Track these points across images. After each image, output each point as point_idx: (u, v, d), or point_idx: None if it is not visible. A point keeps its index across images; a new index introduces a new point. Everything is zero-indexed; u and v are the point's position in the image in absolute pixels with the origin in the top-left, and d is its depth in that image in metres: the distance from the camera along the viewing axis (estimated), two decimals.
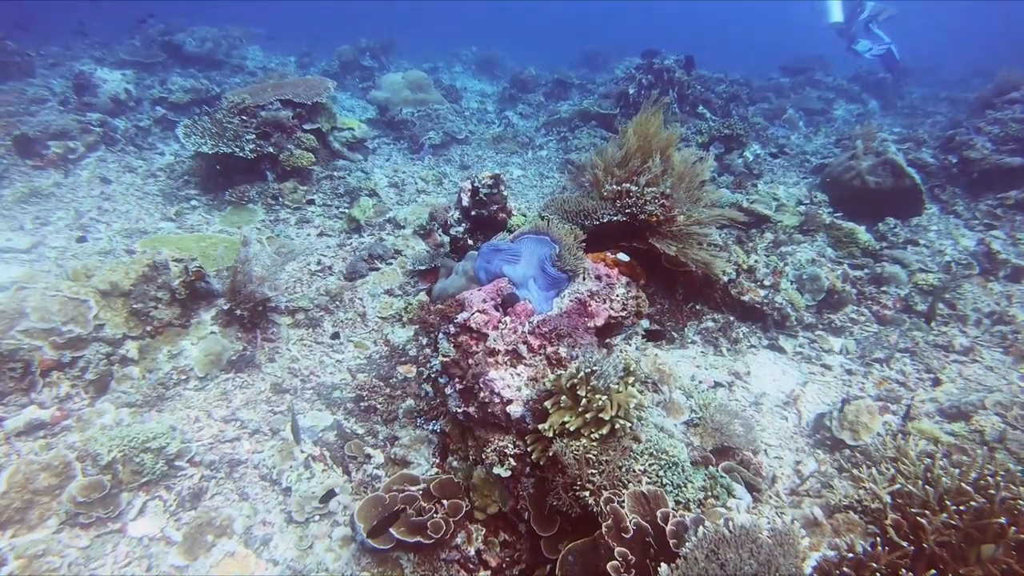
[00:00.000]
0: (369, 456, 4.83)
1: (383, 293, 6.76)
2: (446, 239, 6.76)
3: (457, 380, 4.27)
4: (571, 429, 3.65)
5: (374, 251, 7.18)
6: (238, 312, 5.65)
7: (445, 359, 4.31)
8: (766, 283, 6.80)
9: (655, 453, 3.72)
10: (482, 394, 4.08)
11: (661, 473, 3.66)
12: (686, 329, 6.45)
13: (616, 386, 3.73)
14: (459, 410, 4.25)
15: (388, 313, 6.45)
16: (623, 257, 4.88)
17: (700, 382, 5.49)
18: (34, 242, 7.14)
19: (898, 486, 3.49)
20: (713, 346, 6.26)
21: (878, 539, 3.10)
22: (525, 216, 6.71)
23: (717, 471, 3.98)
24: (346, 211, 8.38)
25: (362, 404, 5.33)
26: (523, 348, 4.14)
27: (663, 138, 6.21)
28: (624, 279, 4.73)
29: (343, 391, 5.49)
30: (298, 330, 6.18)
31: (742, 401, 5.43)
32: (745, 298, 6.53)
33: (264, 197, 8.53)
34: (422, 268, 6.69)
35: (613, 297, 4.60)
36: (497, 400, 4.02)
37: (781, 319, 6.52)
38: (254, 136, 8.53)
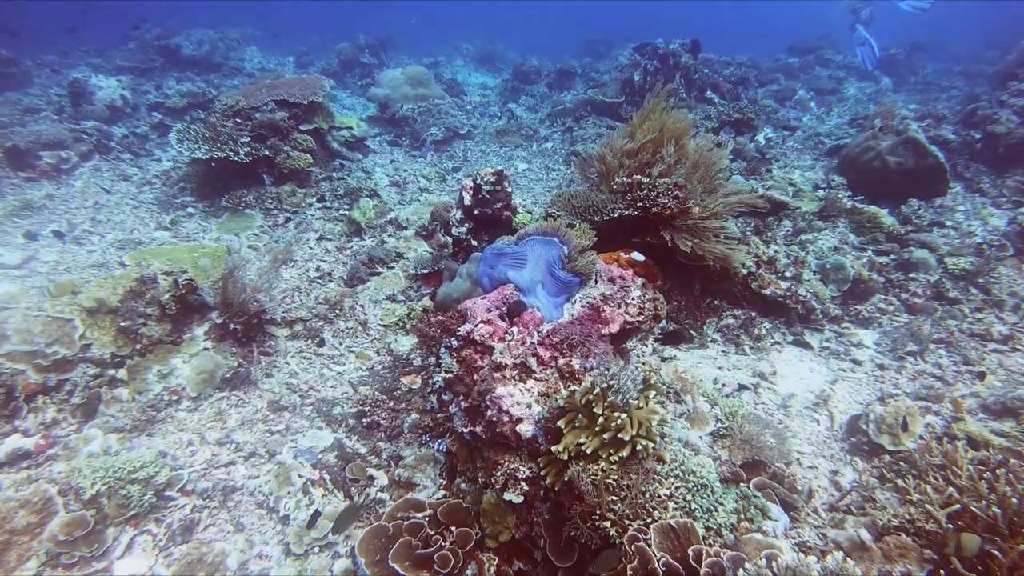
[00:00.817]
0: (372, 478, 4.47)
1: (385, 299, 6.40)
2: (449, 240, 6.38)
3: (462, 397, 3.89)
4: (587, 451, 3.27)
5: (374, 255, 6.81)
6: (231, 326, 5.30)
7: (448, 375, 3.93)
8: (787, 274, 6.38)
9: (681, 474, 3.33)
10: (489, 412, 3.71)
11: (689, 497, 3.27)
12: (705, 327, 6.04)
13: (636, 401, 3.34)
14: (465, 430, 3.87)
15: (391, 320, 6.08)
16: (638, 256, 4.48)
17: (723, 385, 5.08)
18: (25, 257, 6.82)
19: (958, 506, 3.08)
20: (735, 344, 5.85)
21: (942, 573, 2.70)
22: (531, 213, 6.31)
23: (750, 490, 3.59)
24: (346, 213, 8.01)
25: (364, 420, 4.98)
26: (532, 361, 3.75)
27: (676, 126, 5.80)
28: (640, 280, 4.33)
29: (344, 406, 5.14)
30: (297, 342, 5.83)
31: (769, 404, 5.03)
32: (767, 291, 6.11)
33: (262, 202, 8.18)
34: (425, 271, 6.32)
35: (629, 301, 4.19)
36: (506, 419, 3.65)
37: (806, 312, 6.10)
38: (249, 139, 8.17)
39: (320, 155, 9.15)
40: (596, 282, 4.27)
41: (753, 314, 6.04)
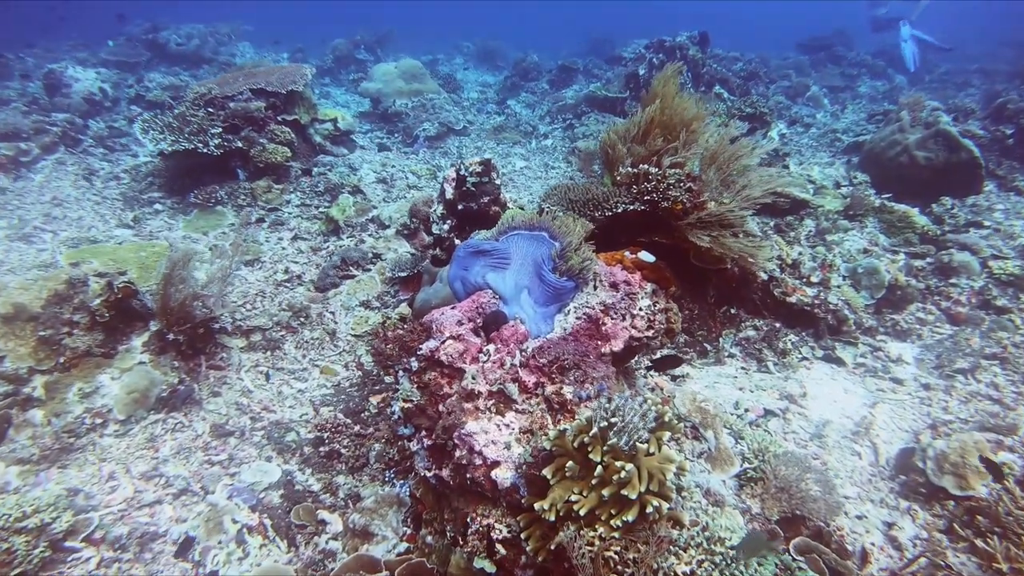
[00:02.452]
0: (324, 523, 3.61)
1: (358, 305, 5.55)
2: (431, 239, 5.54)
3: (424, 433, 3.04)
4: (582, 512, 2.41)
5: (349, 256, 5.97)
6: (170, 336, 4.46)
7: (407, 405, 3.08)
8: (813, 279, 5.51)
9: (705, 543, 2.48)
10: (458, 453, 2.86)
11: (716, 574, 2.41)
12: (721, 339, 5.18)
13: (645, 445, 2.49)
14: (429, 473, 3.02)
15: (363, 330, 5.24)
16: (647, 257, 3.61)
17: (746, 411, 4.22)
18: None
19: None
20: (756, 360, 4.99)
21: None
22: (523, 209, 5.46)
23: (792, 559, 2.72)
24: (325, 211, 7.17)
25: (323, 449, 4.13)
26: (513, 388, 2.90)
27: (688, 110, 4.98)
28: (649, 286, 3.45)
29: (302, 430, 4.29)
30: (253, 354, 4.98)
31: (801, 434, 4.16)
32: (792, 299, 5.25)
33: (234, 198, 7.35)
34: (403, 275, 5.47)
35: (635, 311, 3.33)
36: (478, 462, 2.80)
37: (837, 323, 5.22)
38: (221, 130, 7.35)
39: (301, 148, 8.32)
40: (596, 288, 3.41)
41: (777, 325, 5.18)
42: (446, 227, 5.21)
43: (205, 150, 7.13)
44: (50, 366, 4.28)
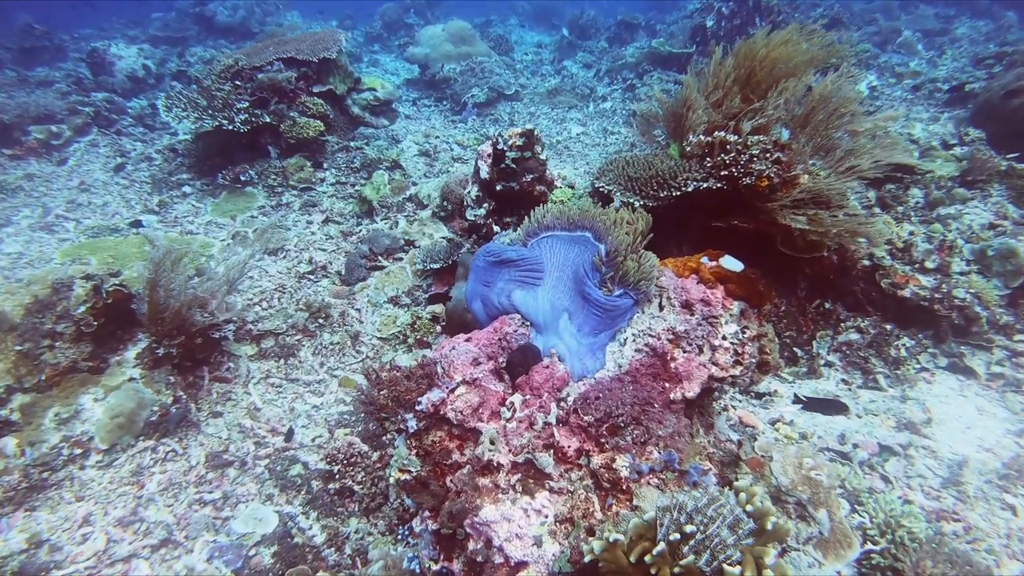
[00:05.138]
0: None
1: (387, 302, 4.75)
2: (467, 224, 4.67)
3: (429, 514, 2.20)
4: None
5: (378, 243, 5.15)
6: (161, 351, 3.76)
7: (404, 476, 2.23)
8: (929, 265, 4.36)
9: None
10: (472, 545, 2.01)
11: None
12: (815, 343, 4.13)
13: (735, 570, 1.57)
14: (436, 565, 2.18)
15: (390, 332, 4.44)
16: (732, 265, 2.59)
17: (855, 447, 3.20)
18: None
19: None
20: (862, 371, 3.94)
21: None
22: (572, 188, 4.49)
23: None
24: (360, 190, 6.37)
25: (333, 485, 3.38)
26: (546, 459, 2.02)
27: (785, 60, 3.92)
28: (736, 305, 2.45)
29: (313, 457, 3.56)
30: (264, 363, 4.26)
31: (930, 479, 3.12)
32: (905, 292, 4.13)
33: (265, 177, 6.64)
34: (435, 266, 4.61)
35: (717, 342, 2.35)
36: (499, 560, 1.95)
37: (964, 322, 4.08)
38: (248, 104, 6.61)
39: (337, 121, 7.52)
40: (661, 307, 2.45)
41: (888, 326, 4.08)
42: (482, 212, 4.32)
43: (231, 127, 6.41)
44: (33, 383, 3.67)
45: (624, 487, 2.00)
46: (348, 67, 7.65)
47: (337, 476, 3.40)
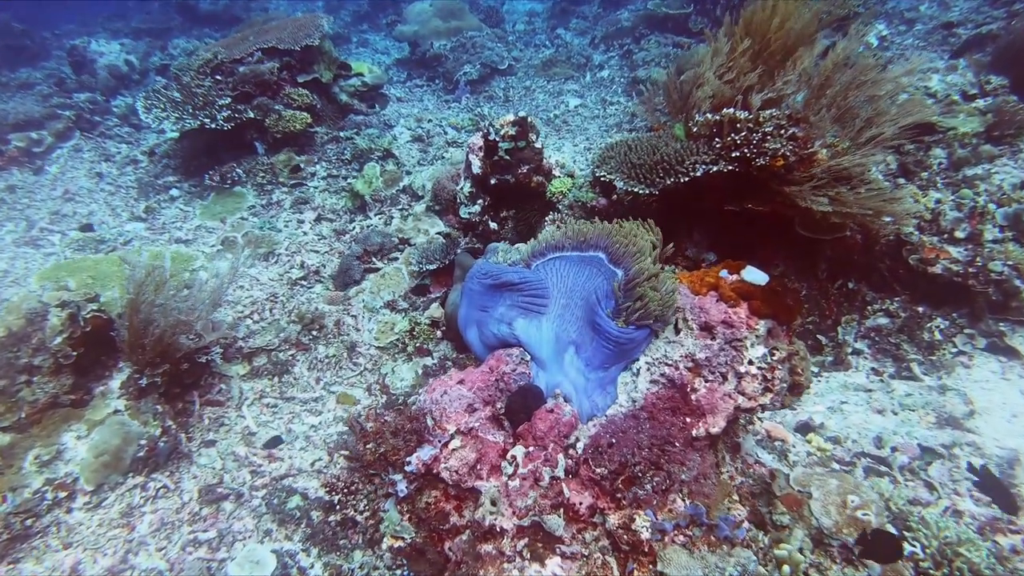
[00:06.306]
0: None
1: (383, 306, 4.47)
2: (462, 221, 4.35)
3: None
4: None
5: (370, 243, 4.85)
6: (143, 382, 3.50)
7: (398, 543, 1.96)
8: (959, 235, 4.03)
9: None
10: None
11: None
12: (840, 329, 3.82)
13: None
14: None
15: (388, 340, 4.17)
16: (755, 277, 2.26)
17: (893, 451, 2.91)
18: None
19: None
20: (893, 359, 3.63)
21: None
22: (572, 177, 4.15)
23: None
24: (351, 184, 6.04)
25: (333, 517, 3.14)
26: (555, 521, 1.75)
27: (791, 25, 3.55)
28: (762, 324, 2.13)
29: (312, 483, 3.32)
30: (257, 382, 4.00)
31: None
32: (936, 268, 3.80)
33: (253, 175, 6.32)
34: (432, 267, 4.31)
35: (743, 368, 2.05)
36: None
37: (1003, 297, 3.75)
38: (230, 100, 6.26)
39: (326, 111, 7.16)
40: (677, 330, 2.15)
41: (920, 308, 3.76)
42: (476, 208, 4.00)
43: (213, 125, 6.07)
44: (12, 421, 3.44)
45: (646, 549, 1.74)
46: (332, 53, 7.26)
47: (338, 507, 3.16)
